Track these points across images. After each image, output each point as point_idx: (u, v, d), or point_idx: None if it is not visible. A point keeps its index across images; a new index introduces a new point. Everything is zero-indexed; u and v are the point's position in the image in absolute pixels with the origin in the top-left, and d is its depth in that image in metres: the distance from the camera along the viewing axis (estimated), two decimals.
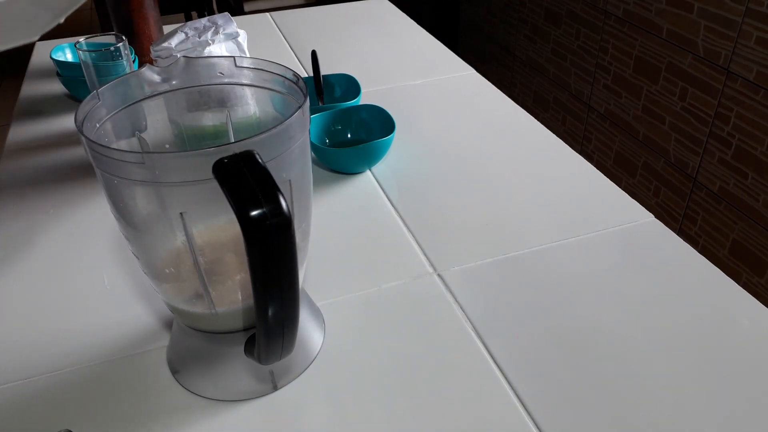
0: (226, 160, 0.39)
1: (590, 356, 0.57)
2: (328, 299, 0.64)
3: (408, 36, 1.32)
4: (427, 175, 0.84)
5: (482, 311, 0.62)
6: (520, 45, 2.43)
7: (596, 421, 0.52)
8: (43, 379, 0.57)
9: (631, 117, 1.87)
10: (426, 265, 0.69)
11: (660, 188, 1.81)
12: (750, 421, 0.51)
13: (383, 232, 0.74)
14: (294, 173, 0.47)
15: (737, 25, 1.46)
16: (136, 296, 0.65)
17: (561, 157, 0.88)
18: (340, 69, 1.14)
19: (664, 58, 1.70)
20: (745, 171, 1.51)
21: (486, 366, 0.57)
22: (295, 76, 0.50)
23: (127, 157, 0.40)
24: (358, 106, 0.90)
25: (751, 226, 1.53)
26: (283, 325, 0.43)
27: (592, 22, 1.97)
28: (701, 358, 0.57)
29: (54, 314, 0.64)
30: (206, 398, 0.54)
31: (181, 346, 0.57)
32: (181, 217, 0.44)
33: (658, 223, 0.74)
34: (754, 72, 1.44)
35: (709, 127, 1.59)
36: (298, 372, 0.56)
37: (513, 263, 0.69)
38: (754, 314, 0.61)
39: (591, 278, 0.66)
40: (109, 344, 0.60)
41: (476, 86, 1.09)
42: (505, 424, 0.52)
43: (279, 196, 0.38)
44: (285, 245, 0.39)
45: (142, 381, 0.56)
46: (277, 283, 0.40)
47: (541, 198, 0.79)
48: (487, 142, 0.91)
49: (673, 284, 0.65)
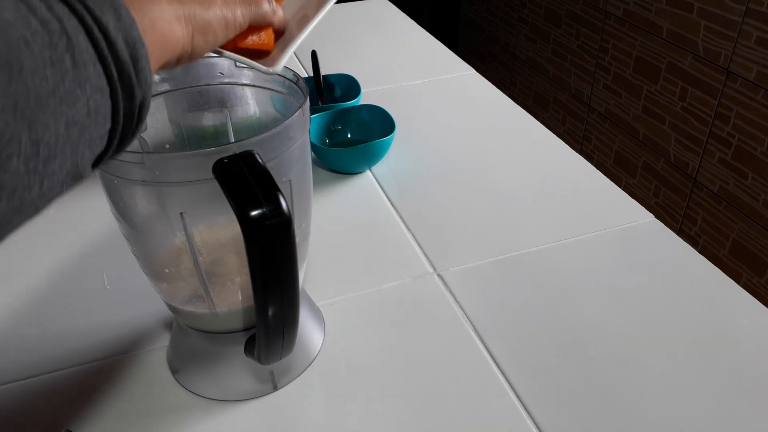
0: (226, 160, 0.39)
1: (590, 356, 0.57)
2: (328, 299, 0.64)
3: (408, 36, 1.32)
4: (427, 175, 0.84)
5: (482, 311, 0.62)
6: (520, 45, 2.43)
7: (596, 420, 0.52)
8: (43, 379, 0.57)
9: (631, 117, 1.87)
10: (426, 265, 0.69)
11: (660, 188, 1.81)
12: (750, 420, 0.51)
13: (383, 232, 0.74)
14: (294, 173, 0.47)
15: (737, 25, 1.46)
16: (136, 296, 0.65)
17: (561, 157, 0.88)
18: (340, 69, 1.14)
19: (664, 58, 1.70)
20: (745, 171, 1.51)
21: (486, 366, 0.57)
22: (295, 76, 0.50)
23: (127, 157, 0.40)
24: (358, 106, 0.90)
25: (751, 226, 1.53)
26: (283, 325, 0.43)
27: (592, 22, 1.97)
28: (701, 358, 0.57)
29: (54, 314, 0.64)
30: (206, 398, 0.54)
31: (181, 346, 0.57)
32: (181, 217, 0.44)
33: (658, 223, 0.74)
34: (754, 72, 1.44)
35: (709, 127, 1.59)
36: (298, 372, 0.56)
37: (513, 263, 0.68)
38: (754, 314, 0.61)
39: (591, 278, 0.66)
40: (109, 344, 0.60)
41: (476, 86, 1.09)
42: (505, 423, 0.52)
43: (279, 196, 0.38)
44: (285, 245, 0.39)
45: (142, 381, 0.56)
46: (277, 283, 0.40)
47: (541, 198, 0.79)
48: (487, 142, 0.91)
49: (673, 284, 0.65)
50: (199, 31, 0.37)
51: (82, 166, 0.28)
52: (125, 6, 0.29)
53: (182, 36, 0.35)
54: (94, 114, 0.27)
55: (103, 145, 0.29)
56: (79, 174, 0.28)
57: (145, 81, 0.30)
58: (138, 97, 0.29)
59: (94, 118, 0.27)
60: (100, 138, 0.28)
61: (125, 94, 0.29)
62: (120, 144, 0.31)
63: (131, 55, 0.28)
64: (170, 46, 0.34)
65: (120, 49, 0.28)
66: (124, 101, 0.29)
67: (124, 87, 0.28)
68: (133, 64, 0.29)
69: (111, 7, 0.28)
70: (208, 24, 0.37)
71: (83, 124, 0.27)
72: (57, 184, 0.27)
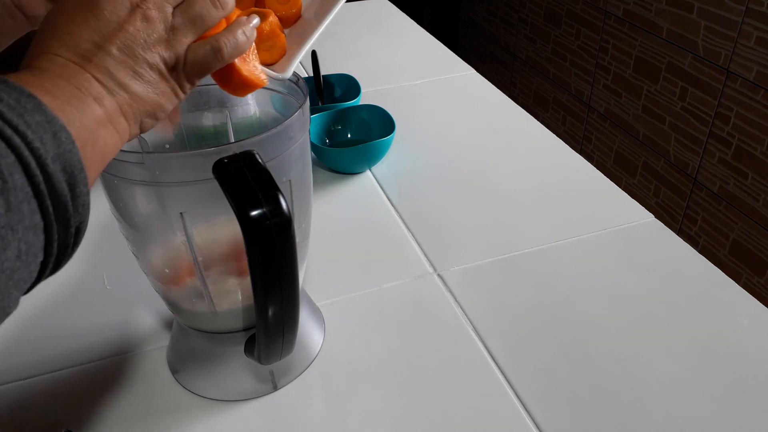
0: (226, 160, 0.39)
1: (590, 356, 0.57)
2: (328, 299, 0.64)
3: (408, 36, 1.32)
4: (427, 175, 0.84)
5: (482, 311, 0.62)
6: (520, 45, 2.43)
7: (596, 420, 0.52)
8: (43, 379, 0.57)
9: (631, 117, 1.87)
10: (426, 265, 0.69)
11: (660, 188, 1.81)
12: (750, 420, 0.51)
13: (383, 232, 0.74)
14: (294, 173, 0.47)
15: (737, 25, 1.46)
16: (136, 296, 0.65)
17: (561, 157, 0.88)
18: (340, 69, 1.14)
19: (664, 58, 1.70)
20: (745, 171, 1.51)
21: (486, 366, 0.57)
22: (295, 76, 0.50)
23: (127, 157, 0.40)
24: (358, 106, 0.90)
25: (751, 226, 1.52)
26: (283, 325, 0.43)
27: (592, 22, 1.97)
28: (701, 358, 0.57)
29: (54, 314, 0.64)
30: (206, 398, 0.54)
31: (181, 346, 0.57)
32: (181, 217, 0.44)
33: (658, 223, 0.74)
34: (754, 72, 1.44)
35: (709, 127, 1.59)
36: (298, 372, 0.56)
37: (513, 263, 0.68)
38: (754, 314, 0.61)
39: (591, 278, 0.66)
40: (109, 344, 0.60)
41: (476, 86, 1.09)
42: (505, 423, 0.52)
43: (279, 196, 0.38)
44: (285, 245, 0.39)
45: (142, 381, 0.56)
46: (277, 283, 0.40)
47: (541, 198, 0.79)
48: (487, 142, 0.91)
49: (673, 284, 0.65)
50: (147, 114, 0.34)
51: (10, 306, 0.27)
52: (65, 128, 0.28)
53: (127, 129, 0.33)
54: (24, 255, 0.26)
55: (34, 278, 0.28)
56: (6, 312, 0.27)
57: (82, 205, 0.29)
58: (74, 225, 0.29)
59: (25, 259, 0.26)
60: (30, 274, 0.27)
61: (60, 226, 0.28)
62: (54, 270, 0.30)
63: (68, 183, 0.27)
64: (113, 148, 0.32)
65: (57, 180, 0.27)
66: (59, 232, 0.28)
67: (59, 219, 0.28)
68: (70, 192, 0.28)
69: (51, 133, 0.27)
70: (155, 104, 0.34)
71: (12, 269, 0.26)
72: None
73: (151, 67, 0.33)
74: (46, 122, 0.27)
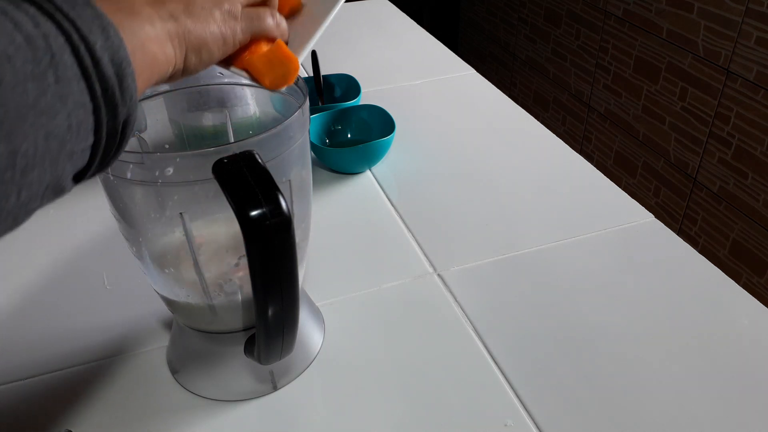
0: (226, 160, 0.39)
1: (590, 356, 0.57)
2: (328, 299, 0.64)
3: (408, 36, 1.32)
4: (427, 175, 0.84)
5: (482, 311, 0.62)
6: (520, 45, 2.43)
7: (596, 420, 0.52)
8: (43, 379, 0.57)
9: (631, 117, 1.87)
10: (426, 265, 0.69)
11: (660, 188, 1.81)
12: (750, 420, 0.51)
13: (383, 232, 0.74)
14: (294, 173, 0.47)
15: (737, 25, 1.46)
16: (136, 296, 0.65)
17: (561, 157, 0.88)
18: (340, 69, 1.14)
19: (664, 58, 1.70)
20: (745, 171, 1.51)
21: (486, 366, 0.57)
22: None
23: (127, 157, 0.40)
24: (358, 106, 0.90)
25: (751, 226, 1.53)
26: (283, 325, 0.43)
27: (592, 22, 1.97)
28: (701, 358, 0.57)
29: (54, 314, 0.64)
30: (206, 398, 0.54)
31: (181, 346, 0.57)
32: (180, 217, 0.44)
33: (658, 223, 0.74)
34: (754, 72, 1.44)
35: (709, 127, 1.59)
36: (298, 372, 0.56)
37: (513, 263, 0.69)
38: (754, 314, 0.61)
39: (591, 278, 0.66)
40: (109, 344, 0.60)
41: (476, 86, 1.09)
42: (505, 423, 0.52)
43: (279, 196, 0.38)
44: (285, 245, 0.39)
45: (142, 381, 0.56)
46: (277, 283, 0.40)
47: (541, 198, 0.79)
48: (487, 142, 0.91)
49: (673, 284, 0.65)
50: (193, 50, 0.36)
51: (63, 179, 0.28)
52: (113, 25, 0.29)
53: (173, 56, 0.35)
54: (75, 129, 0.27)
55: (85, 160, 0.29)
56: (60, 187, 0.29)
57: (130, 98, 0.30)
58: (122, 114, 0.30)
59: (76, 132, 0.28)
60: (81, 152, 0.29)
61: (108, 111, 0.29)
62: (103, 160, 0.31)
63: (117, 73, 0.29)
64: (160, 66, 0.34)
65: (105, 67, 0.28)
66: (108, 118, 0.29)
67: (107, 104, 0.29)
68: (118, 82, 0.29)
69: (99, 26, 0.28)
70: (202, 42, 0.37)
71: (64, 138, 0.27)
72: (36, 195, 0.27)
73: (202, 7, 0.37)
74: (95, 16, 0.28)
